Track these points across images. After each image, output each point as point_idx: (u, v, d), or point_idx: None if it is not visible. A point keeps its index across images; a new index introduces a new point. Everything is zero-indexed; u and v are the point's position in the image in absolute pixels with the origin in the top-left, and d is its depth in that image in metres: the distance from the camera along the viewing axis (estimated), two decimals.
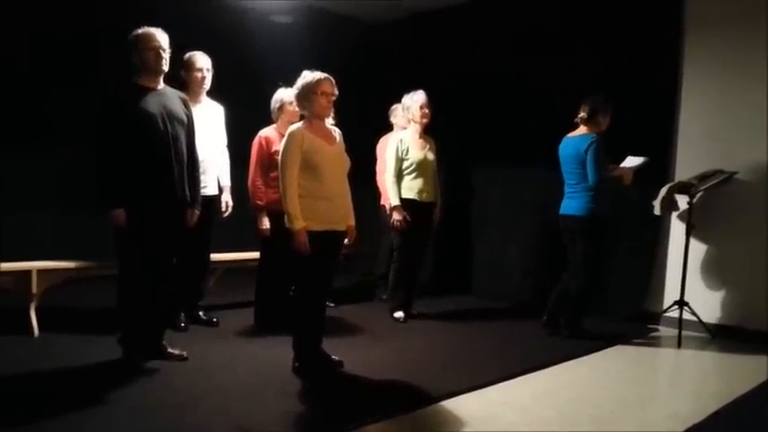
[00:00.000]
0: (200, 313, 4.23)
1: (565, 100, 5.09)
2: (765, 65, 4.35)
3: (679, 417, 2.96)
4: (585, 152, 4.07)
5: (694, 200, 4.37)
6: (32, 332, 3.76)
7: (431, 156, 4.59)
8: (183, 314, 4.07)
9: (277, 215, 3.64)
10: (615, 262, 4.79)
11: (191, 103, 3.50)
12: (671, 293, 4.65)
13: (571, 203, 4.19)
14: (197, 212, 3.47)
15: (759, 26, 4.37)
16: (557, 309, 4.31)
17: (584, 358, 3.90)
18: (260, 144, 4.07)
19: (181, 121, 3.30)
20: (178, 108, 3.31)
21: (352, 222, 3.39)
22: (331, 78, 3.24)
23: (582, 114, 4.19)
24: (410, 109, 4.54)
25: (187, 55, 3.91)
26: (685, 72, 4.74)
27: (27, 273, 3.73)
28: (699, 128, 4.67)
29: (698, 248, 4.60)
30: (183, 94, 3.45)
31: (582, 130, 4.19)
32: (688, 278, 4.41)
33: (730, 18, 4.50)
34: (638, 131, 4.55)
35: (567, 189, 4.25)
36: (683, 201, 4.47)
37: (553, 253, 5.30)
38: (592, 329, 4.33)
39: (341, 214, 3.30)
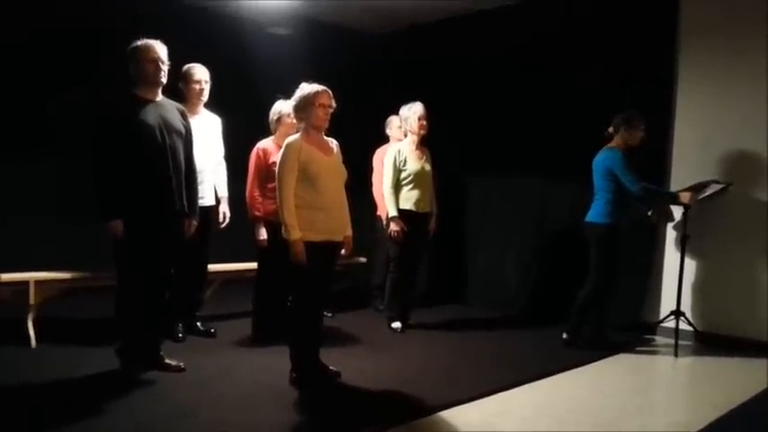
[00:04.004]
0: (198, 324, 4.22)
1: (559, 111, 5.17)
2: (760, 75, 4.38)
3: (678, 425, 2.97)
4: (608, 168, 4.15)
5: (689, 210, 4.39)
6: (30, 343, 3.75)
7: (428, 167, 4.61)
8: (180, 325, 4.07)
9: (274, 226, 3.64)
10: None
11: (189, 115, 3.52)
12: (667, 303, 4.65)
13: (589, 212, 4.28)
14: (195, 223, 3.48)
15: (753, 36, 4.40)
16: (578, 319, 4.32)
17: (583, 368, 3.90)
18: (257, 155, 4.08)
19: (179, 133, 3.32)
20: (176, 120, 3.33)
21: (350, 233, 3.41)
22: (329, 91, 3.27)
23: (609, 129, 4.28)
24: (408, 120, 4.56)
25: (185, 67, 3.93)
26: (680, 82, 4.77)
27: (25, 283, 3.73)
28: (694, 138, 4.69)
29: (693, 258, 4.62)
30: (181, 106, 3.47)
31: (611, 144, 4.27)
32: (684, 288, 4.42)
33: (725, 28, 4.54)
34: None
35: None
36: (677, 211, 4.50)
37: (548, 262, 5.33)
38: (610, 338, 4.35)
39: (338, 225, 3.32)
